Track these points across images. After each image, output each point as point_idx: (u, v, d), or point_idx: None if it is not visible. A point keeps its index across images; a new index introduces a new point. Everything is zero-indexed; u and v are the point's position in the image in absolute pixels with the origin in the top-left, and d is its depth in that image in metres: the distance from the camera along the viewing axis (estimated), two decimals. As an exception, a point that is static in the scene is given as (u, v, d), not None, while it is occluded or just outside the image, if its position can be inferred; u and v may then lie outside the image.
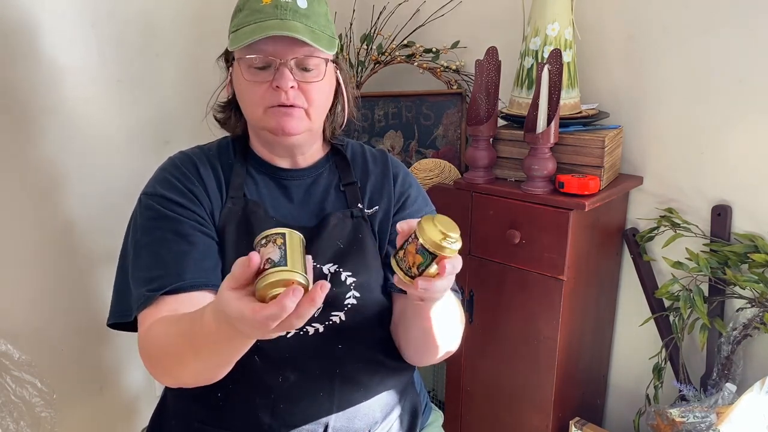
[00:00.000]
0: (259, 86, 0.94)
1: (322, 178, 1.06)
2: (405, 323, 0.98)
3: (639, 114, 1.51)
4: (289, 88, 0.93)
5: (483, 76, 1.43)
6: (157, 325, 0.87)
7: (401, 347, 1.03)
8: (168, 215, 0.95)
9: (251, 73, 0.94)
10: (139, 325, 0.90)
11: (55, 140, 1.39)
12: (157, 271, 0.91)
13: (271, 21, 0.91)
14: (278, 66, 0.92)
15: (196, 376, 0.86)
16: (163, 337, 0.85)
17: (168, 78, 1.58)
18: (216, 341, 0.76)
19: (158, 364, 0.87)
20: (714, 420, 1.32)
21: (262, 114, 0.95)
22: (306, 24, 0.93)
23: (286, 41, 0.91)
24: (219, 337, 0.74)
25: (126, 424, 1.66)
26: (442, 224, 0.71)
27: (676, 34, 1.43)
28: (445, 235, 0.70)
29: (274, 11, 0.92)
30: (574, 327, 1.46)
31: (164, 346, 0.84)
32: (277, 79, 0.92)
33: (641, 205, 1.55)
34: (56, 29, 1.35)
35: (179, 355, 0.82)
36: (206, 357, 0.80)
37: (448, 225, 0.71)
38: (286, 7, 0.92)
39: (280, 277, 0.65)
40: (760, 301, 1.36)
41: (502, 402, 1.55)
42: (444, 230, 0.70)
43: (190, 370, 0.84)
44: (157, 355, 0.86)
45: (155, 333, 0.86)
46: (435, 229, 0.70)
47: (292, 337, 0.96)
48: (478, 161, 1.45)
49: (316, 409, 0.96)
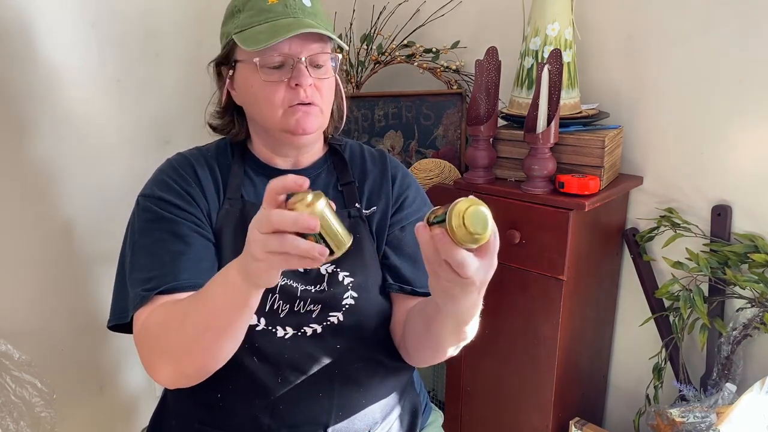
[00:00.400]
0: (276, 86, 0.93)
1: (320, 179, 1.06)
2: (419, 323, 0.94)
3: (639, 114, 1.51)
4: (309, 85, 0.93)
5: (483, 76, 1.43)
6: (157, 311, 0.86)
7: (403, 347, 1.02)
8: (165, 217, 0.95)
9: (266, 73, 0.93)
10: (134, 323, 0.90)
11: (55, 140, 1.39)
12: (153, 271, 0.91)
13: (287, 20, 0.92)
14: (295, 64, 0.92)
15: (200, 359, 0.84)
16: (164, 315, 0.85)
17: (168, 78, 1.58)
18: (222, 293, 0.77)
19: (159, 354, 0.86)
20: (714, 420, 1.32)
21: (281, 115, 0.95)
22: (315, 21, 0.93)
23: (301, 39, 0.92)
24: (226, 283, 0.76)
25: (126, 424, 1.66)
26: (471, 222, 0.66)
27: (676, 34, 1.43)
28: (472, 235, 0.67)
29: (285, 10, 0.92)
30: (574, 327, 1.46)
31: (163, 323, 0.84)
32: (296, 77, 0.93)
33: (641, 205, 1.55)
34: (56, 29, 1.35)
35: (186, 332, 0.82)
36: (216, 323, 0.80)
37: (477, 223, 0.67)
38: (295, 6, 0.93)
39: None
40: (760, 301, 1.36)
41: (502, 402, 1.55)
42: (472, 231, 0.66)
43: (196, 349, 0.83)
44: (158, 344, 0.86)
45: (155, 320, 0.86)
46: (463, 230, 0.66)
47: (291, 338, 0.96)
48: (478, 161, 1.45)
49: (316, 410, 0.96)
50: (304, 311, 0.97)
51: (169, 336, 0.84)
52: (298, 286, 0.97)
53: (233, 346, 0.85)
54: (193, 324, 0.81)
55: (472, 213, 0.67)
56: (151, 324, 0.86)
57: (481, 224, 0.67)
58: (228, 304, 0.78)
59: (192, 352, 0.84)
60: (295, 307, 0.96)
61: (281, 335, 0.95)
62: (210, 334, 0.81)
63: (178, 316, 0.84)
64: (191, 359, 0.85)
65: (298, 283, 0.97)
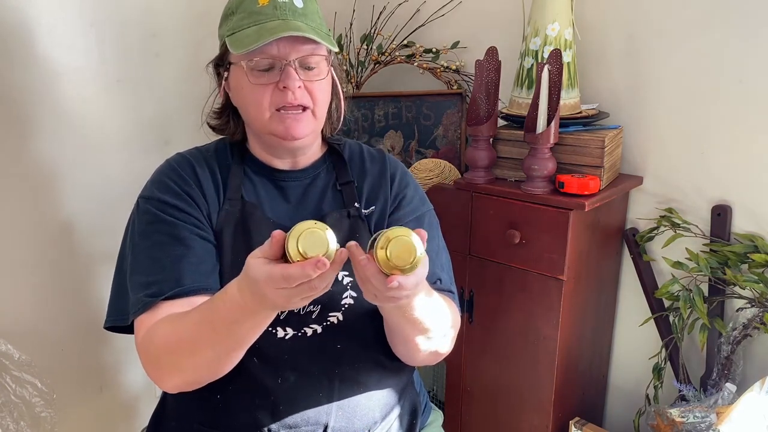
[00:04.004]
0: (264, 88, 0.93)
1: (319, 179, 1.06)
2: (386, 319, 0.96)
3: (639, 114, 1.51)
4: (297, 87, 0.93)
5: (483, 76, 1.43)
6: (161, 324, 0.86)
7: (391, 344, 1.02)
8: (165, 219, 0.95)
9: (255, 75, 0.93)
10: (137, 330, 0.90)
11: (55, 140, 1.39)
12: (154, 275, 0.91)
13: (274, 22, 0.91)
14: (284, 66, 0.92)
15: (205, 369, 0.86)
16: (171, 332, 0.85)
17: (168, 78, 1.58)
18: (237, 318, 0.77)
19: (163, 363, 0.87)
20: (714, 420, 1.32)
21: (268, 118, 0.95)
22: (305, 23, 0.93)
23: (290, 41, 0.91)
24: (242, 310, 0.76)
25: (126, 424, 1.66)
26: (395, 256, 0.70)
27: (676, 34, 1.43)
28: (394, 268, 0.70)
29: (274, 12, 0.92)
30: (574, 327, 1.46)
31: (172, 342, 0.84)
32: (283, 79, 0.92)
33: (641, 205, 1.55)
34: (56, 29, 1.35)
35: (192, 344, 0.82)
36: (223, 339, 0.81)
37: (402, 256, 0.70)
38: (285, 7, 0.92)
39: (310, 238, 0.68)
40: (760, 301, 1.36)
41: (502, 402, 1.55)
42: (395, 265, 0.70)
43: (201, 361, 0.84)
44: (163, 354, 0.86)
45: (160, 332, 0.86)
46: (387, 263, 0.70)
47: (291, 338, 0.96)
48: (478, 161, 1.45)
49: (316, 410, 0.96)
50: (304, 312, 0.97)
51: (182, 358, 0.85)
52: (297, 287, 0.97)
53: (243, 351, 0.86)
54: (210, 347, 0.82)
55: (397, 244, 0.70)
56: (157, 337, 0.86)
57: (405, 256, 0.70)
58: (248, 326, 0.80)
59: (206, 369, 0.86)
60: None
61: (281, 336, 0.95)
62: (222, 348, 0.83)
63: (189, 336, 0.83)
64: (203, 373, 0.87)
65: None
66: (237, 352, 0.84)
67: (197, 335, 0.82)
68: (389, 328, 0.97)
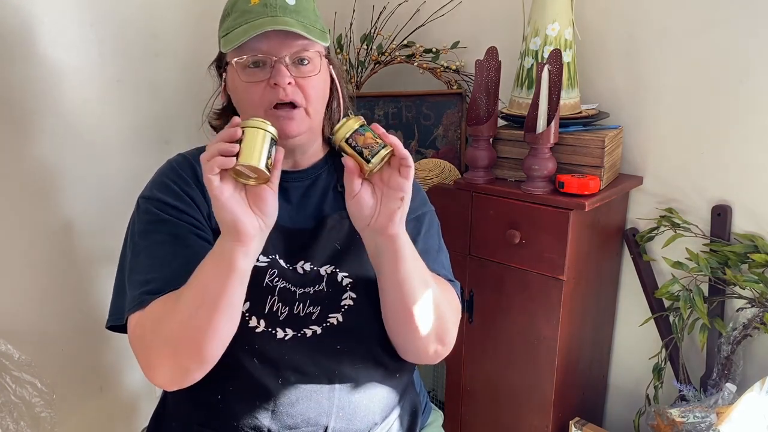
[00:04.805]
0: (256, 86, 0.94)
1: (320, 180, 1.06)
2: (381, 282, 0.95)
3: (639, 114, 1.51)
4: (287, 84, 0.93)
5: (483, 76, 1.43)
6: (151, 308, 0.88)
7: (391, 337, 1.01)
8: (165, 219, 0.95)
9: (247, 74, 0.94)
10: (129, 326, 0.91)
11: (55, 140, 1.39)
12: (152, 274, 0.91)
13: (263, 19, 0.92)
14: (274, 63, 0.92)
15: (196, 343, 0.85)
16: (160, 311, 0.86)
17: (168, 78, 1.57)
18: (216, 264, 0.83)
19: (155, 348, 0.87)
20: (714, 420, 1.32)
21: (262, 116, 0.95)
22: (296, 19, 0.93)
23: (280, 38, 0.92)
24: (219, 254, 0.83)
25: (126, 424, 1.66)
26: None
27: (676, 34, 1.43)
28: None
29: (264, 10, 0.92)
30: (574, 327, 1.46)
31: (161, 319, 0.85)
32: (273, 76, 0.92)
33: (641, 205, 1.55)
34: (56, 29, 1.35)
35: (180, 313, 0.84)
36: (207, 295, 0.83)
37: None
38: (275, 5, 0.93)
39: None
40: (760, 301, 1.36)
41: (502, 402, 1.55)
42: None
43: (191, 331, 0.84)
44: (153, 337, 0.86)
45: (149, 316, 0.87)
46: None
47: (291, 339, 0.96)
48: (478, 161, 1.45)
49: (316, 411, 0.96)
50: (303, 313, 0.97)
51: (163, 324, 0.85)
52: (296, 289, 0.97)
53: (229, 327, 0.86)
54: (185, 303, 0.84)
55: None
56: (145, 320, 0.88)
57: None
58: (215, 270, 0.82)
59: (187, 336, 0.85)
60: (295, 309, 0.96)
61: (281, 337, 0.95)
62: (203, 310, 0.83)
63: (171, 302, 0.86)
64: (187, 345, 0.85)
65: (297, 285, 0.97)
66: (218, 314, 0.83)
67: (177, 296, 0.86)
68: (386, 310, 0.96)
